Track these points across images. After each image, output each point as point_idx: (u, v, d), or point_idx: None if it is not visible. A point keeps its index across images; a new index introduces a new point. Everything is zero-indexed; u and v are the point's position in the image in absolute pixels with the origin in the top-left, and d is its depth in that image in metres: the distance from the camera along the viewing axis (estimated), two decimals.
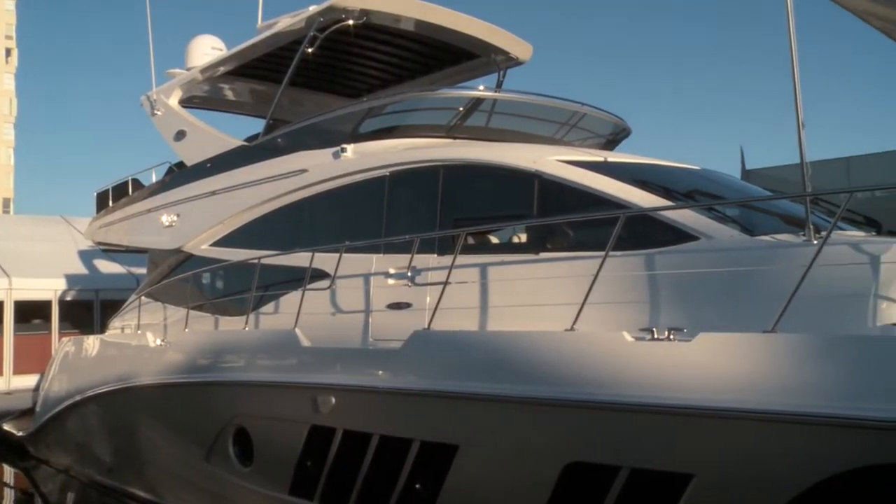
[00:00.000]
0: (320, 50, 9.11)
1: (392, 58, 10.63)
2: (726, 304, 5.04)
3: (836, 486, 4.24)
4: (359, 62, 10.75)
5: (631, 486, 4.96)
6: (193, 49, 11.26)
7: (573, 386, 5.08)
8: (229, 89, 11.76)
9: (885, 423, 4.00)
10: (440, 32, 9.59)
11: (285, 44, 9.50)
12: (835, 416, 4.15)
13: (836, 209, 4.99)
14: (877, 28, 6.36)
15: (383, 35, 9.76)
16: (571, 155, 6.69)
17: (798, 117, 5.15)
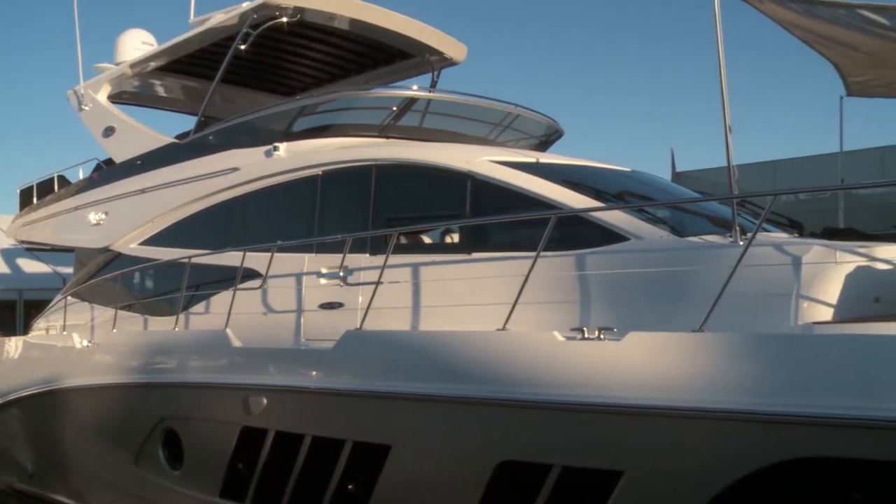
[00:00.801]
0: (253, 47, 9.01)
1: (326, 56, 10.56)
2: (656, 304, 5.13)
3: (762, 479, 4.35)
4: (292, 60, 10.66)
5: (562, 484, 5.01)
6: (123, 43, 10.99)
7: (505, 385, 5.12)
8: (160, 85, 11.52)
9: (807, 418, 4.13)
10: (375, 32, 9.56)
11: (218, 40, 9.37)
12: (759, 413, 4.27)
13: (761, 211, 5.12)
14: (799, 38, 6.51)
15: (317, 33, 9.70)
16: (504, 156, 6.74)
17: (725, 122, 5.27)
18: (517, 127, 8.50)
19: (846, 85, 7.54)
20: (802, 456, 4.25)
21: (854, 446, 4.18)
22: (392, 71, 10.60)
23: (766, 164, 18.76)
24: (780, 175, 18.28)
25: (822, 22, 6.10)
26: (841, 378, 4.19)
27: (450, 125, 8.25)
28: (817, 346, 4.38)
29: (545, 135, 8.92)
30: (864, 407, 4.05)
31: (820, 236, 6.02)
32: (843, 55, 6.76)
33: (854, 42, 6.30)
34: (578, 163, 7.19)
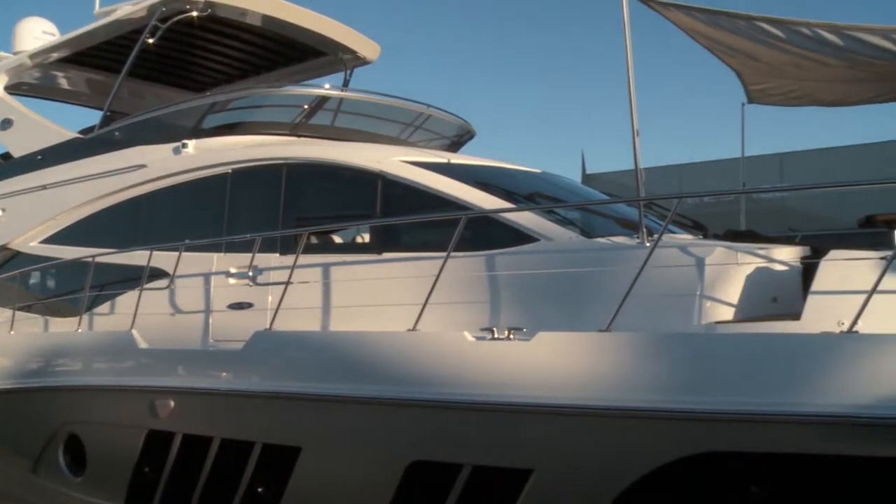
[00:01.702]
0: (162, 41, 8.80)
1: (237, 52, 10.39)
2: (565, 304, 5.21)
3: (668, 474, 4.47)
4: (203, 55, 10.45)
5: (473, 483, 5.06)
6: (21, 32, 10.53)
7: (415, 386, 5.13)
8: (63, 77, 11.12)
9: (709, 415, 4.27)
10: (287, 29, 9.45)
11: (125, 32, 9.11)
12: (665, 410, 4.39)
13: (667, 213, 5.26)
14: (703, 46, 6.71)
15: (229, 29, 9.53)
16: (415, 156, 6.75)
17: (633, 126, 5.39)
18: (429, 127, 8.52)
19: (747, 92, 7.81)
20: (705, 451, 4.40)
21: (753, 440, 4.34)
22: (304, 69, 10.50)
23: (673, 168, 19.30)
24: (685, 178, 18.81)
25: (725, 31, 6.29)
26: (741, 375, 4.35)
27: (362, 125, 8.21)
28: (719, 344, 4.53)
29: (457, 135, 8.97)
30: (762, 403, 4.22)
31: (723, 238, 6.19)
32: (744, 64, 7.00)
33: (754, 52, 6.52)
34: (489, 164, 7.25)
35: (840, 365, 4.15)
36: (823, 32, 5.87)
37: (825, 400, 4.11)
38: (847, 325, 4.19)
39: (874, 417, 4.02)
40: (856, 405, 4.05)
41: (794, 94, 7.61)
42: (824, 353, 4.21)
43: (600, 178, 18.16)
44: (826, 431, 4.16)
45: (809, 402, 4.14)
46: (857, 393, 4.07)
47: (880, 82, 6.90)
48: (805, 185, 15.34)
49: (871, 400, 4.04)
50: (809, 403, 4.14)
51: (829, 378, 4.15)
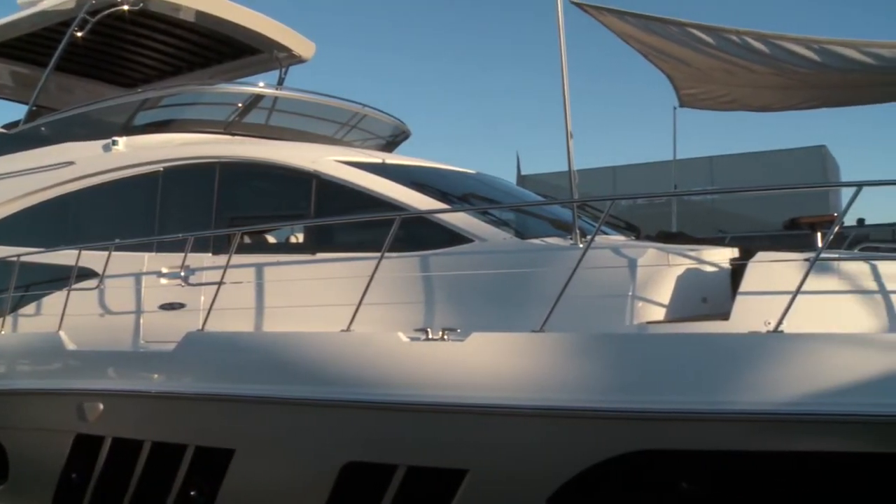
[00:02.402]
0: (92, 34, 8.59)
1: (170, 48, 10.20)
2: (499, 305, 5.23)
3: (601, 473, 4.55)
4: (134, 50, 10.22)
5: (407, 483, 5.06)
6: None
7: (349, 386, 5.11)
8: None
9: (642, 414, 4.35)
10: (221, 25, 9.32)
11: (52, 24, 8.86)
12: (598, 409, 4.45)
13: (601, 214, 5.33)
14: (637, 50, 6.84)
15: (161, 24, 9.35)
16: (350, 156, 6.71)
17: (567, 128, 5.46)
18: (364, 127, 8.49)
19: (678, 97, 7.97)
20: (637, 450, 4.48)
21: (684, 438, 4.43)
22: (239, 66, 10.36)
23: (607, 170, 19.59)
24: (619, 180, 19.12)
25: (657, 37, 6.42)
26: (672, 375, 4.43)
27: (297, 124, 8.14)
28: (650, 344, 4.61)
29: (392, 135, 8.95)
30: (693, 401, 4.31)
31: (655, 240, 6.30)
32: (676, 69, 7.15)
33: (685, 57, 6.67)
34: (424, 164, 7.25)
35: (766, 363, 4.26)
36: (751, 40, 6.04)
37: (752, 398, 4.22)
38: (773, 325, 4.31)
39: (799, 414, 4.14)
40: (781, 402, 4.16)
41: (723, 98, 7.79)
42: (751, 352, 4.31)
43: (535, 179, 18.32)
44: (753, 428, 4.28)
45: (737, 401, 4.24)
46: (783, 390, 4.18)
47: (804, 90, 7.12)
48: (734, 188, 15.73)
49: (795, 397, 4.15)
50: (737, 401, 4.24)
51: (756, 376, 4.26)
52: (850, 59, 5.95)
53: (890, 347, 4.14)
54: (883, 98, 7.67)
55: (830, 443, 4.22)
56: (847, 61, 5.97)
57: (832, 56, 5.95)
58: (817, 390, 4.12)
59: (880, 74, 6.19)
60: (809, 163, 18.57)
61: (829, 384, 4.11)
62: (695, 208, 15.71)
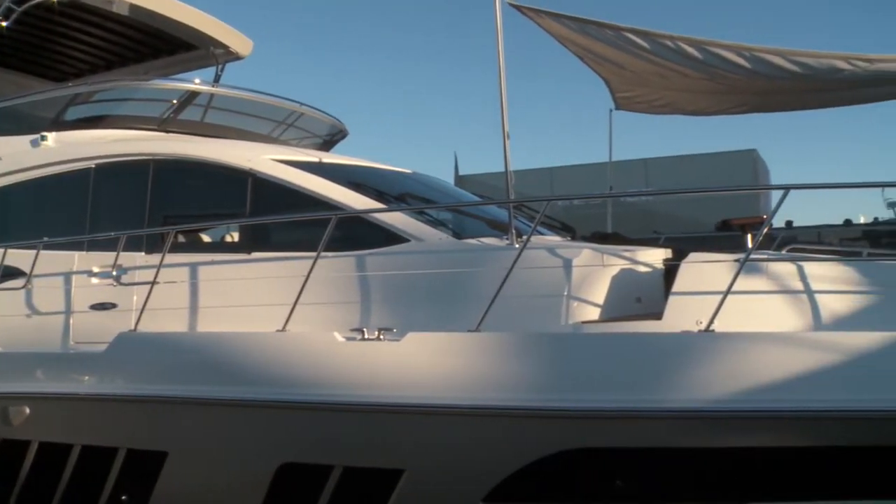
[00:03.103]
0: (19, 25, 8.34)
1: (102, 42, 9.96)
2: (435, 304, 5.24)
3: (537, 471, 4.59)
4: (65, 43, 9.95)
5: (344, 484, 5.03)
6: None
7: (284, 387, 5.07)
8: None
9: (577, 412, 4.41)
10: (156, 20, 9.13)
11: None
12: (533, 408, 4.50)
13: (537, 215, 5.38)
14: (573, 53, 6.92)
15: (93, 17, 9.13)
16: (287, 154, 6.65)
17: (504, 128, 5.49)
18: (301, 125, 8.42)
19: (614, 99, 8.09)
20: (572, 448, 4.53)
21: (618, 436, 4.50)
22: (174, 62, 10.16)
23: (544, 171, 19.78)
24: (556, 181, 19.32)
25: (593, 40, 6.51)
26: (607, 373, 4.49)
27: (233, 121, 8.04)
28: (585, 344, 4.67)
29: (329, 134, 8.89)
30: (627, 400, 4.38)
31: (590, 240, 6.38)
32: (611, 72, 7.25)
33: (620, 61, 6.77)
34: (361, 163, 7.22)
35: (698, 362, 4.35)
36: (685, 45, 6.16)
37: (685, 396, 4.30)
38: (704, 324, 4.40)
39: (730, 411, 4.24)
40: (713, 400, 4.26)
41: (657, 102, 7.93)
42: (684, 351, 4.40)
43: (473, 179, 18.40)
44: (686, 426, 4.36)
45: (670, 399, 4.32)
46: (714, 388, 4.28)
47: (735, 95, 7.30)
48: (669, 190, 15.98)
49: (727, 394, 4.25)
50: (670, 399, 4.32)
51: (689, 375, 4.35)
52: (778, 66, 6.12)
53: (816, 345, 4.26)
54: (809, 104, 7.91)
55: (761, 439, 4.33)
56: (775, 68, 6.14)
57: (762, 63, 6.11)
58: (748, 388, 4.23)
59: (806, 82, 6.38)
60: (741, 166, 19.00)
61: (759, 382, 4.22)
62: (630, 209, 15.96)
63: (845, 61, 6.01)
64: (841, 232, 17.91)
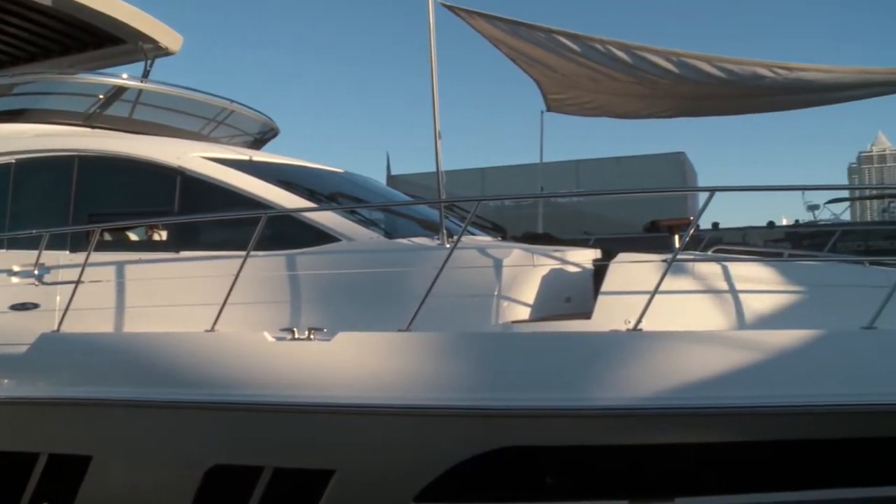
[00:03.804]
0: None
1: (25, 32, 9.63)
2: (366, 304, 5.23)
3: (467, 470, 4.63)
4: None
5: (274, 485, 4.99)
6: None
7: (213, 388, 5.00)
8: None
9: (507, 412, 4.46)
10: (82, 12, 8.87)
11: None
12: (463, 408, 4.53)
13: (468, 215, 5.41)
14: (506, 55, 6.97)
15: (14, 6, 8.82)
16: (216, 152, 6.54)
17: (435, 128, 5.51)
18: (232, 123, 8.30)
19: (546, 101, 8.17)
20: (502, 446, 4.57)
21: (548, 435, 4.56)
22: (101, 56, 9.87)
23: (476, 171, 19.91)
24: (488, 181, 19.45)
25: (525, 42, 6.56)
26: (536, 373, 4.55)
27: (161, 118, 7.87)
28: (515, 343, 4.71)
29: (260, 132, 8.79)
30: (556, 398, 4.44)
31: (521, 240, 6.43)
32: (543, 74, 7.32)
33: (552, 63, 6.84)
34: (292, 162, 7.15)
35: (627, 361, 4.43)
36: (615, 49, 6.26)
37: (614, 394, 4.38)
38: (633, 324, 4.48)
39: (658, 408, 4.34)
40: (641, 398, 4.35)
41: (588, 105, 8.03)
42: (612, 349, 4.48)
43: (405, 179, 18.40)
44: (615, 423, 4.44)
45: (599, 397, 4.40)
46: (643, 386, 4.37)
47: (664, 99, 7.44)
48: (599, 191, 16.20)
49: (655, 392, 4.35)
50: (599, 398, 4.40)
51: (617, 373, 4.43)
52: (704, 72, 6.26)
53: (741, 344, 4.39)
54: (734, 110, 8.10)
55: (689, 435, 4.44)
56: (702, 74, 6.28)
57: (688, 68, 6.24)
58: (675, 386, 4.33)
59: (730, 88, 6.54)
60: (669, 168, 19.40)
61: (685, 380, 4.33)
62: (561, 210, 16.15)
63: (767, 69, 6.18)
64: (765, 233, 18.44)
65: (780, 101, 7.50)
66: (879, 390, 4.25)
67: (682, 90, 6.82)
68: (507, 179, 18.60)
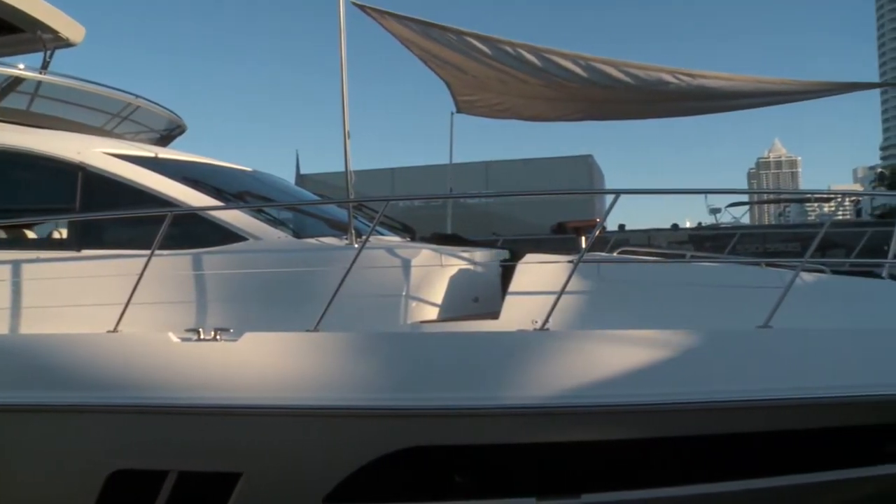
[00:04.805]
0: None
1: None
2: (274, 304, 5.18)
3: (377, 470, 4.65)
4: None
5: (180, 489, 4.90)
6: None
7: (116, 390, 4.87)
8: None
9: (415, 412, 4.49)
10: None
11: None
12: (372, 408, 4.53)
13: (377, 215, 5.41)
14: (417, 56, 6.98)
15: None
16: (120, 148, 6.37)
17: (345, 128, 5.50)
18: (137, 119, 8.07)
19: (456, 102, 8.21)
20: (411, 446, 4.59)
21: (457, 434, 4.59)
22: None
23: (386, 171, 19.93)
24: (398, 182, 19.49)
25: (436, 44, 6.58)
26: (444, 372, 4.58)
27: (63, 112, 7.60)
28: (423, 343, 4.73)
29: (167, 129, 8.58)
30: (465, 398, 4.47)
31: (429, 241, 6.45)
32: (453, 75, 7.36)
33: (462, 65, 6.88)
34: (200, 160, 7.02)
35: (534, 360, 4.50)
36: (524, 52, 6.33)
37: (521, 393, 4.45)
38: (539, 323, 4.55)
39: (565, 407, 4.42)
40: (548, 396, 4.42)
41: (498, 106, 8.10)
42: (519, 349, 4.55)
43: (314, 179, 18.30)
44: (522, 422, 4.51)
45: (507, 396, 4.46)
46: (549, 385, 4.44)
47: (572, 102, 7.57)
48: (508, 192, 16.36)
49: (561, 391, 4.43)
50: (507, 397, 4.45)
51: (525, 372, 4.49)
52: (611, 76, 6.39)
53: (645, 343, 4.52)
54: (640, 114, 8.30)
55: (595, 432, 4.54)
56: (609, 78, 6.40)
57: (596, 73, 6.36)
58: (581, 384, 4.42)
59: (636, 92, 6.69)
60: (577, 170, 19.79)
61: (591, 378, 4.42)
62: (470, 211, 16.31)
63: (671, 75, 6.34)
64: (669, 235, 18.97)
65: (684, 107, 7.72)
66: (775, 386, 4.43)
67: (590, 94, 6.94)
68: (417, 180, 18.70)
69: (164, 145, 8.30)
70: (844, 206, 70.45)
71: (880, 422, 4.58)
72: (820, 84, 6.75)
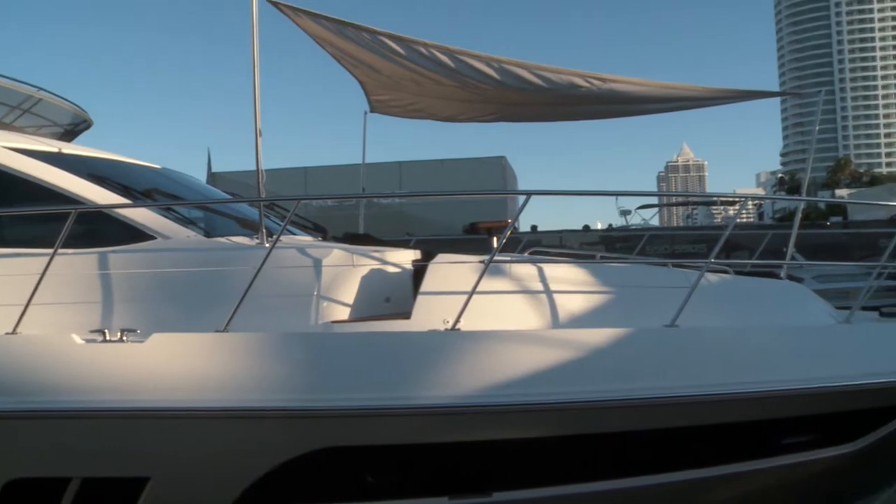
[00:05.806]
0: None
1: None
2: (183, 304, 5.09)
3: (289, 470, 4.61)
4: None
5: (83, 497, 4.76)
6: None
7: (14, 395, 4.71)
8: None
9: (327, 412, 4.48)
10: None
11: None
12: (283, 409, 4.50)
13: (289, 214, 5.37)
14: (330, 54, 6.93)
15: None
16: (21, 142, 6.16)
17: (256, 126, 5.44)
18: (39, 112, 7.80)
19: (369, 102, 8.18)
20: (323, 447, 4.56)
21: (368, 434, 4.59)
22: None
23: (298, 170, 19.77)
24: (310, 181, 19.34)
25: (350, 43, 6.54)
26: (356, 373, 4.58)
27: None
28: (335, 343, 4.72)
29: (72, 124, 8.32)
30: (376, 398, 4.48)
31: (341, 241, 6.42)
32: (367, 75, 7.33)
33: (376, 65, 6.86)
34: (106, 156, 6.83)
35: (445, 360, 4.54)
36: (438, 53, 6.35)
37: (432, 393, 4.47)
38: (451, 323, 4.59)
39: (476, 406, 4.46)
40: (460, 396, 4.46)
41: (412, 107, 8.10)
42: (431, 349, 4.58)
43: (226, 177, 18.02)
44: (434, 422, 4.53)
45: (418, 396, 4.48)
46: (461, 384, 4.48)
47: (486, 104, 7.62)
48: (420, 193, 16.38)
49: (472, 391, 4.47)
50: (418, 396, 4.47)
51: (436, 372, 4.52)
52: (523, 78, 6.45)
53: (555, 342, 4.60)
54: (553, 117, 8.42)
55: (506, 431, 4.59)
56: (521, 81, 6.47)
57: (509, 75, 6.42)
58: (492, 383, 4.47)
59: (548, 95, 6.79)
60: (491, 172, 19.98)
61: (502, 377, 4.48)
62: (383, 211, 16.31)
63: (582, 79, 6.45)
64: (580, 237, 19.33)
65: (595, 110, 7.85)
66: (682, 383, 4.56)
67: (504, 96, 7.00)
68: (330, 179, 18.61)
69: (68, 140, 8.03)
70: (748, 209, 73.07)
71: (778, 416, 4.77)
72: (725, 91, 6.95)
